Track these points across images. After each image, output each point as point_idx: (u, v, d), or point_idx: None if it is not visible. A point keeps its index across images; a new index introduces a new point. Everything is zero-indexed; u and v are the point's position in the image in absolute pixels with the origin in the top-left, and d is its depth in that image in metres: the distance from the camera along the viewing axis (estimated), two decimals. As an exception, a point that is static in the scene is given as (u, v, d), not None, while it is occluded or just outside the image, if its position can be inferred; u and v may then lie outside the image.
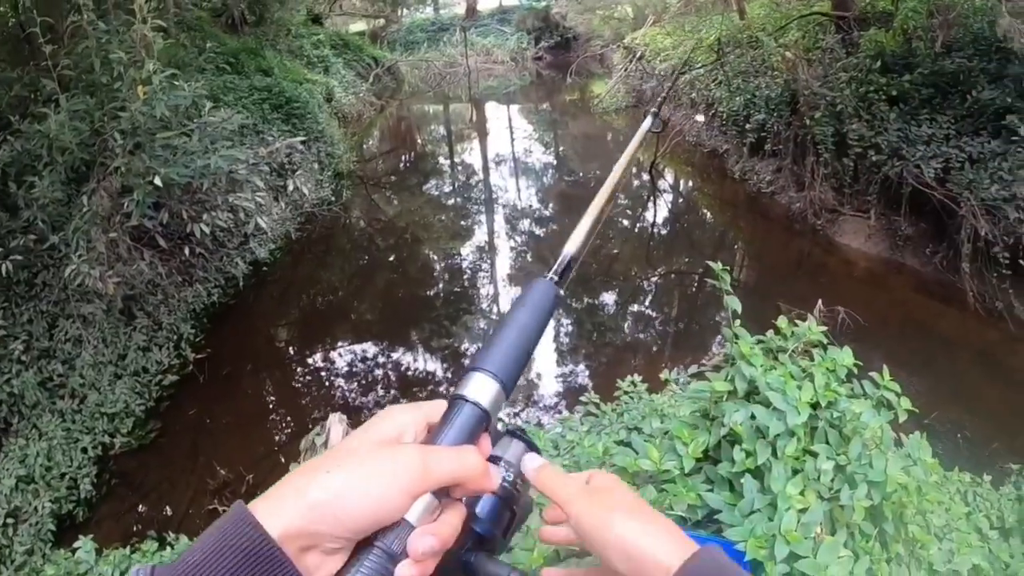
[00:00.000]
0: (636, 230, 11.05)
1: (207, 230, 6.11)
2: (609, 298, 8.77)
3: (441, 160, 15.12)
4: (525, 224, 11.31)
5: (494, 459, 0.69)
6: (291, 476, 0.54)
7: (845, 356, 2.40)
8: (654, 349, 7.61)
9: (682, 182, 13.08)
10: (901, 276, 7.93)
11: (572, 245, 0.82)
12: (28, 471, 5.18)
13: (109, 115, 5.52)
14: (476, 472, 0.58)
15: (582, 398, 4.53)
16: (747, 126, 10.85)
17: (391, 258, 10.18)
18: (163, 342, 6.72)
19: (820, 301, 6.23)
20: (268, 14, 13.38)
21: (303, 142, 9.81)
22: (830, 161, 8.87)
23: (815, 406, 2.20)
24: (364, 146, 14.95)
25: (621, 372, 7.19)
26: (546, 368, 7.31)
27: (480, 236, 10.82)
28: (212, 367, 6.89)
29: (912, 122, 7.86)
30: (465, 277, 9.47)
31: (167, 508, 5.45)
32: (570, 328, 8.23)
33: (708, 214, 11.72)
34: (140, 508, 5.59)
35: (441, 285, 9.31)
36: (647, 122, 1.21)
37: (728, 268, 2.45)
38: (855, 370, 2.43)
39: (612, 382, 6.90)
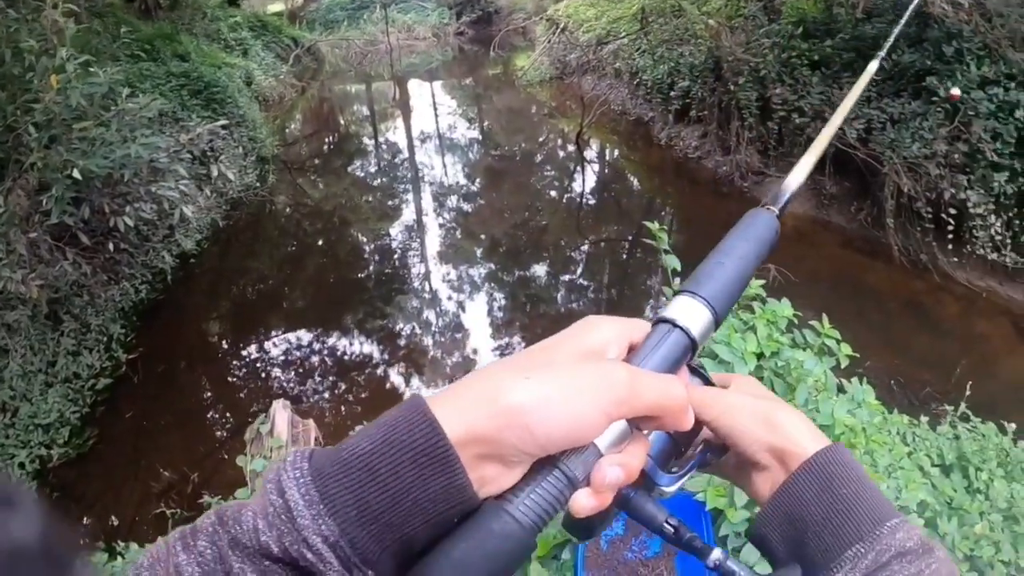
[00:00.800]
0: (564, 200, 11.06)
1: (131, 223, 5.80)
2: (540, 269, 8.78)
3: (365, 140, 14.79)
4: (453, 201, 11.18)
5: None
6: (478, 377, 0.49)
7: (784, 308, 2.45)
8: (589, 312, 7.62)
9: (609, 150, 13.06)
10: (828, 233, 8.08)
11: (795, 178, 0.76)
12: (-40, 492, 4.87)
13: (22, 108, 5.17)
14: (679, 406, 0.53)
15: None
16: (672, 93, 10.90)
17: (320, 242, 9.93)
18: (93, 345, 6.40)
19: None
20: None
21: (224, 127, 9.50)
22: (755, 125, 9.00)
23: (759, 356, 2.24)
24: (287, 129, 14.47)
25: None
26: (481, 343, 7.31)
27: (408, 215, 10.67)
28: (146, 366, 6.61)
29: (834, 86, 7.97)
30: (395, 257, 9.32)
31: (113, 517, 5.16)
32: (503, 301, 8.23)
33: (636, 181, 11.77)
34: (85, 520, 5.31)
35: (372, 267, 9.16)
36: (873, 64, 1.14)
37: (664, 228, 2.44)
38: (795, 320, 2.47)
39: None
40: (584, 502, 0.49)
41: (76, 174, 5.08)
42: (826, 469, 0.59)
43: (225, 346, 7.51)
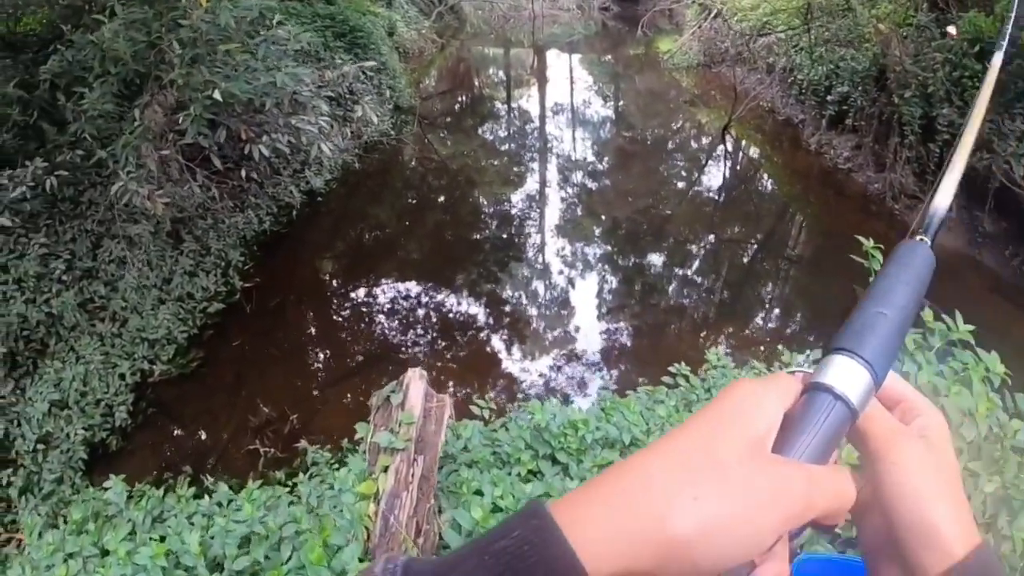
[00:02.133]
0: (692, 192, 10.58)
1: (266, 152, 5.62)
2: (657, 259, 8.44)
3: (498, 104, 14.54)
4: (578, 176, 10.86)
5: None
6: (630, 485, 0.39)
7: (993, 362, 1.99)
8: (696, 316, 7.28)
9: (751, 148, 12.36)
10: (977, 274, 7.36)
11: (942, 199, 0.65)
12: (62, 395, 4.88)
13: (167, 26, 5.01)
14: (847, 508, 0.44)
15: (671, 368, 4.22)
16: (828, 97, 10.21)
17: (442, 199, 9.83)
18: (211, 268, 6.39)
19: None
20: None
21: (371, 69, 9.51)
22: (915, 144, 8.29)
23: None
24: (423, 84, 14.40)
25: (665, 336, 7.00)
26: (586, 323, 7.04)
27: (532, 184, 10.43)
28: (260, 297, 6.58)
29: (1006, 115, 7.17)
30: (513, 224, 9.14)
31: (205, 442, 5.18)
32: (614, 284, 7.94)
33: (775, 184, 11.08)
34: (176, 440, 5.31)
35: (489, 230, 9.00)
36: (997, 57, 1.02)
37: (880, 247, 2.01)
38: (1007, 379, 2.03)
39: (658, 344, 6.70)
40: None
41: (216, 95, 4.88)
42: None
43: (340, 288, 7.47)
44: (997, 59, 1.02)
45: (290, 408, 5.38)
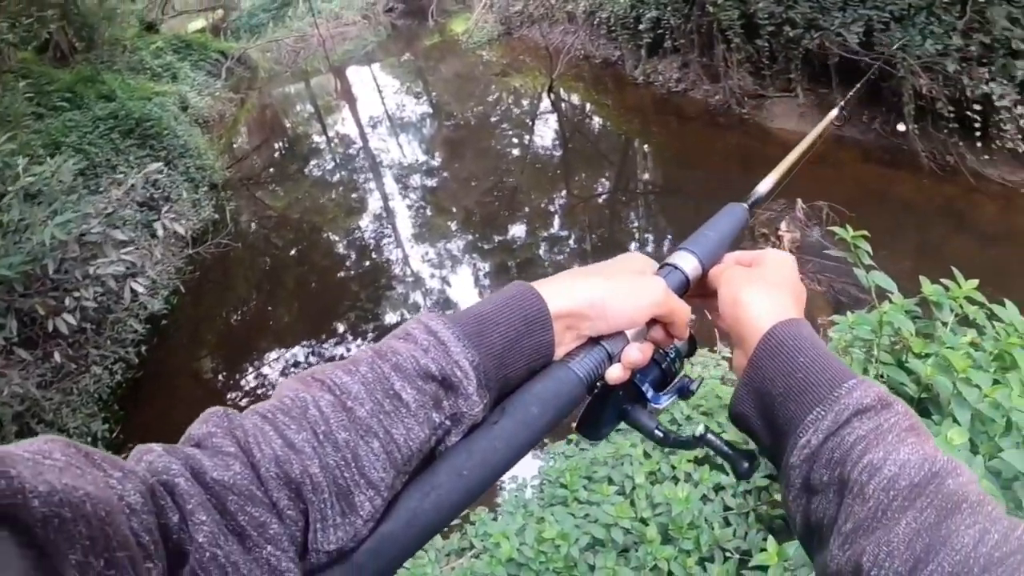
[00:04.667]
0: (530, 156, 10.57)
1: (73, 321, 4.78)
2: (519, 229, 8.44)
3: (316, 138, 13.93)
4: (416, 180, 10.60)
5: None
6: (571, 276, 0.66)
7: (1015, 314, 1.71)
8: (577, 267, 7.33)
9: (578, 98, 12.29)
10: (845, 150, 7.43)
11: (764, 187, 0.87)
12: None
13: None
14: (684, 319, 0.68)
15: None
16: (640, 27, 10.01)
17: (293, 252, 9.31)
18: None
19: (799, 200, 5.96)
20: (98, 36, 12.04)
21: (164, 168, 8.79)
22: (742, 46, 8.28)
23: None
24: (235, 145, 13.62)
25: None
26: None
27: (375, 204, 10.12)
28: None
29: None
30: (371, 249, 8.83)
31: None
32: (487, 267, 7.90)
33: (613, 124, 11.05)
34: None
35: (351, 265, 8.69)
36: (832, 113, 1.22)
37: (866, 234, 1.91)
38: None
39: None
40: (616, 372, 0.64)
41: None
42: (783, 342, 0.63)
43: (226, 383, 6.97)
44: (832, 113, 1.22)
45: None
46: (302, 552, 0.49)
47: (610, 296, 0.63)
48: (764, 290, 0.68)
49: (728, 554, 2.00)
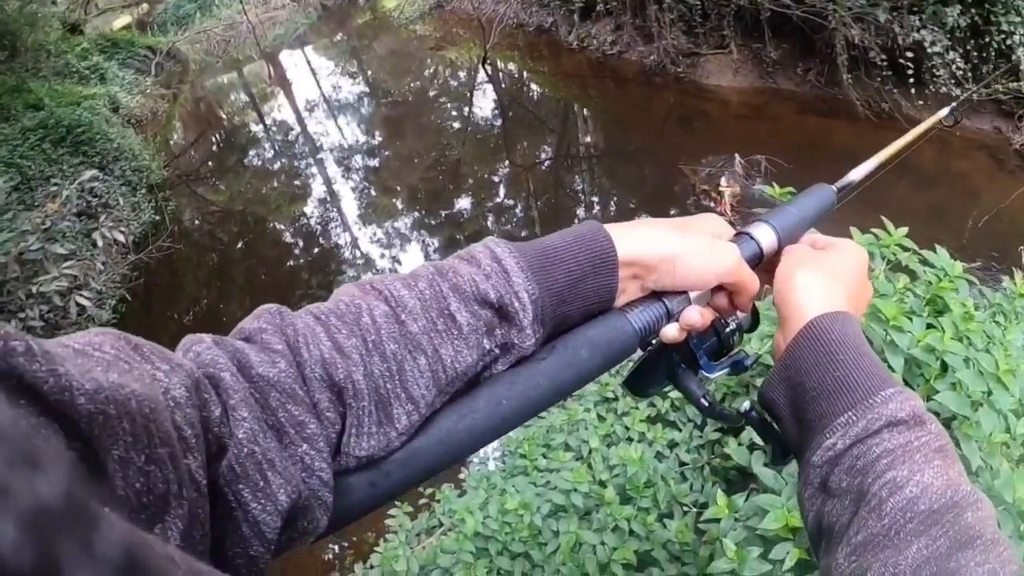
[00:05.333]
0: (471, 128, 10.54)
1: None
2: (465, 202, 8.46)
3: (253, 127, 13.73)
4: (358, 161, 10.53)
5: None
6: (646, 225, 0.64)
7: (944, 259, 1.75)
8: (525, 236, 7.38)
9: (514, 67, 12.27)
10: (781, 102, 7.59)
11: (856, 173, 0.90)
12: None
13: None
14: (752, 292, 0.67)
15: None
16: None
17: (240, 245, 9.25)
18: None
19: (737, 156, 6.03)
20: (20, 43, 11.71)
21: (102, 169, 8.65)
22: (674, 5, 8.34)
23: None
24: (170, 143, 13.49)
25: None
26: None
27: (318, 189, 10.01)
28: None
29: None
30: (318, 235, 8.80)
31: None
32: (436, 243, 7.93)
33: (549, 91, 11.06)
34: None
35: (299, 252, 8.65)
36: (943, 112, 1.19)
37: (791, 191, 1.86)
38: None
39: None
40: (672, 332, 0.63)
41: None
42: (824, 335, 0.62)
43: None
44: (943, 112, 1.20)
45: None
46: (334, 453, 0.50)
47: (683, 253, 0.61)
48: (820, 277, 0.67)
49: (686, 508, 2.07)
